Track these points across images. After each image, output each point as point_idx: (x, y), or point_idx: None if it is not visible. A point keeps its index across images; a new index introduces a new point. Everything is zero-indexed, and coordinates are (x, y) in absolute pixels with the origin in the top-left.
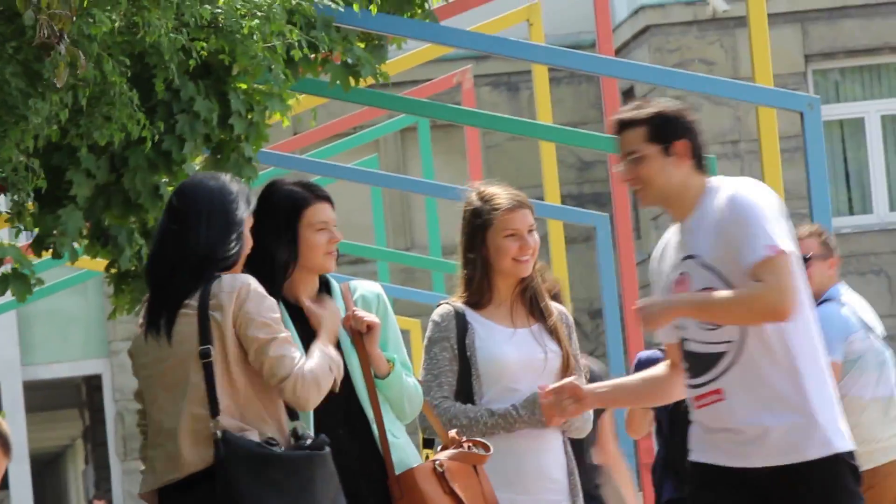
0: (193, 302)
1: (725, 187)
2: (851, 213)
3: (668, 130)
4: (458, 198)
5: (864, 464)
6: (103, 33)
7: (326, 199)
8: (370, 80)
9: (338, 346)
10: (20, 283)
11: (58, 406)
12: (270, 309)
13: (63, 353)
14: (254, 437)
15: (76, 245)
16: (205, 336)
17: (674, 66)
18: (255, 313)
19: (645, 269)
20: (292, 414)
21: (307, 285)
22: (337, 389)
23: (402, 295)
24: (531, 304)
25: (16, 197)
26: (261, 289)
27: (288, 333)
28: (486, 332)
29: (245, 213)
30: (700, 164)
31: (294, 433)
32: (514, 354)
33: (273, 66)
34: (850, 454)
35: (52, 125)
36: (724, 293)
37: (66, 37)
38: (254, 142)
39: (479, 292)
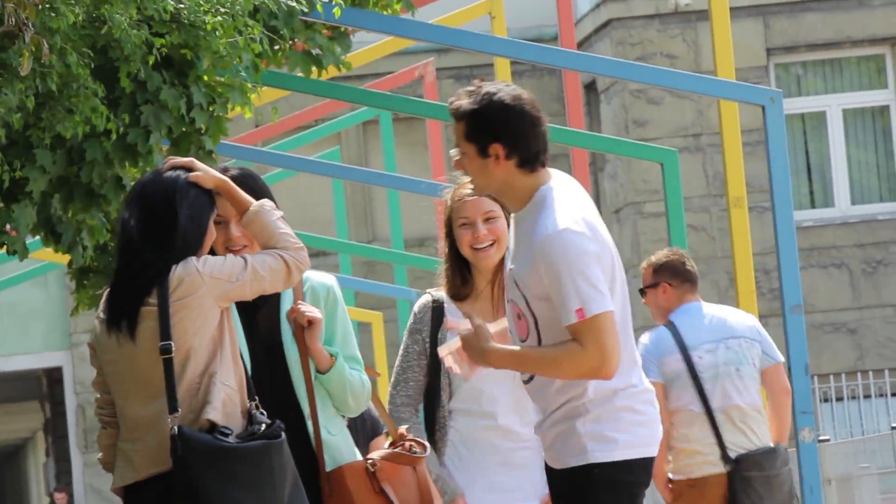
0: (153, 299)
1: (546, 211)
2: (813, 206)
3: (481, 132)
4: (420, 191)
5: (693, 472)
6: (66, 26)
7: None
8: (332, 72)
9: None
10: None
11: (18, 398)
12: (221, 260)
13: (24, 345)
14: (213, 415)
15: (31, 239)
16: (165, 332)
17: (636, 60)
18: (222, 272)
19: None
20: (249, 393)
21: None
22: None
23: (364, 288)
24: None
25: None
26: (205, 256)
27: (251, 257)
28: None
29: (209, 204)
30: (526, 164)
31: (249, 415)
32: None
33: (240, 60)
34: (614, 465)
35: (17, 113)
36: (544, 352)
37: (31, 25)
38: (213, 135)
39: (454, 286)
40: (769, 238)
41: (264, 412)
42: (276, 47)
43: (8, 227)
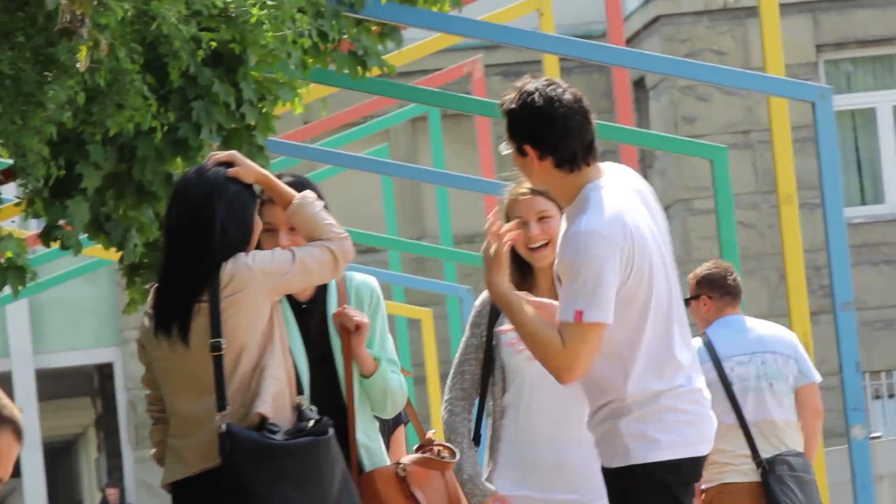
0: (205, 296)
1: (586, 210)
2: (863, 202)
3: (515, 133)
4: (469, 187)
5: (724, 479)
6: (115, 22)
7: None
8: (378, 71)
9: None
10: (16, 275)
11: (70, 394)
12: (269, 254)
13: (75, 341)
14: (263, 409)
15: (84, 235)
16: (216, 329)
17: (685, 57)
18: (272, 266)
19: None
20: (298, 389)
21: None
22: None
23: (414, 284)
24: None
25: (30, 186)
26: (253, 251)
27: (298, 250)
28: None
29: (253, 200)
30: (564, 164)
31: (298, 411)
32: None
33: (290, 54)
34: (659, 465)
35: (68, 111)
36: (534, 324)
37: (87, 20)
38: (262, 131)
39: (515, 282)
40: (819, 235)
41: (313, 408)
42: (323, 46)
43: (62, 222)
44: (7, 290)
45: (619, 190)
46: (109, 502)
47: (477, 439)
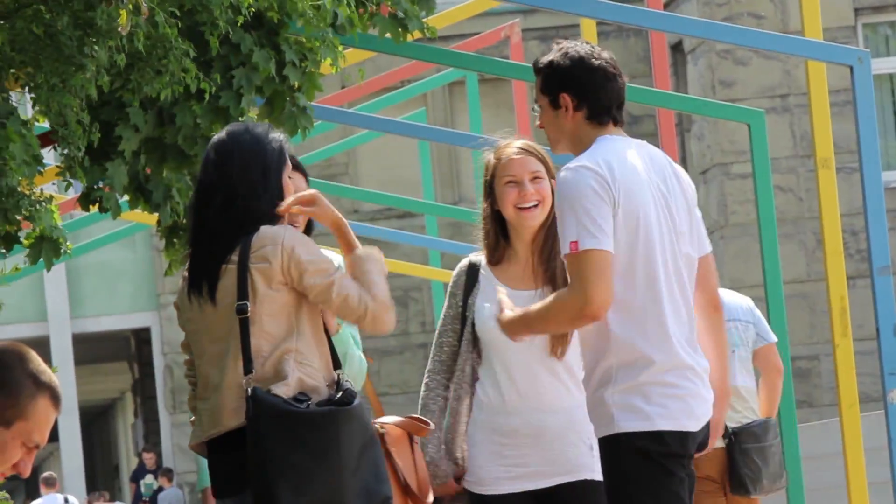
0: (234, 257)
1: (579, 157)
2: None
3: (553, 82)
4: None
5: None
6: None
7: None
8: (417, 34)
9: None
10: (50, 247)
11: (107, 359)
12: (316, 251)
13: (111, 306)
14: (287, 391)
15: (123, 198)
16: (243, 292)
17: (722, 20)
18: (307, 261)
19: None
20: (335, 363)
21: None
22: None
23: (450, 249)
24: (549, 260)
25: (66, 151)
26: (301, 235)
27: (341, 271)
28: (490, 291)
29: (284, 164)
30: (595, 116)
31: (336, 382)
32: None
33: (326, 24)
34: (643, 434)
35: (107, 73)
36: (540, 306)
37: None
38: (307, 91)
39: (492, 248)
40: (857, 199)
41: (350, 380)
42: (361, 10)
43: (101, 183)
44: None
45: (625, 146)
46: (146, 466)
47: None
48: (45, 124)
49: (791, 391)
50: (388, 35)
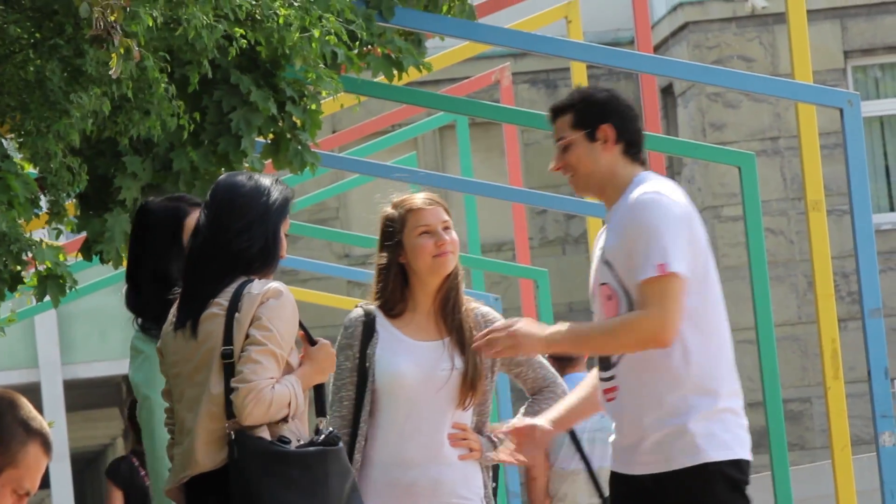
0: (223, 301)
1: (644, 184)
2: (892, 209)
3: (591, 115)
4: (497, 196)
5: None
6: (143, 30)
7: (199, 204)
8: (409, 77)
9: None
10: (55, 285)
11: (98, 405)
12: (284, 322)
13: (103, 352)
14: (265, 435)
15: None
16: (228, 337)
17: (713, 63)
18: (266, 318)
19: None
20: (321, 410)
21: None
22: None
23: None
24: (453, 312)
25: (53, 197)
26: (289, 300)
27: (282, 353)
28: (391, 342)
29: (282, 216)
30: (631, 150)
31: (316, 429)
32: (412, 370)
33: (335, 53)
34: (728, 463)
35: (93, 119)
36: (602, 324)
37: (119, 28)
38: (310, 129)
39: (393, 300)
40: (848, 241)
41: (331, 429)
42: (355, 51)
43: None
44: (33, 300)
45: (667, 180)
46: None
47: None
48: (33, 170)
49: (783, 434)
50: (381, 77)
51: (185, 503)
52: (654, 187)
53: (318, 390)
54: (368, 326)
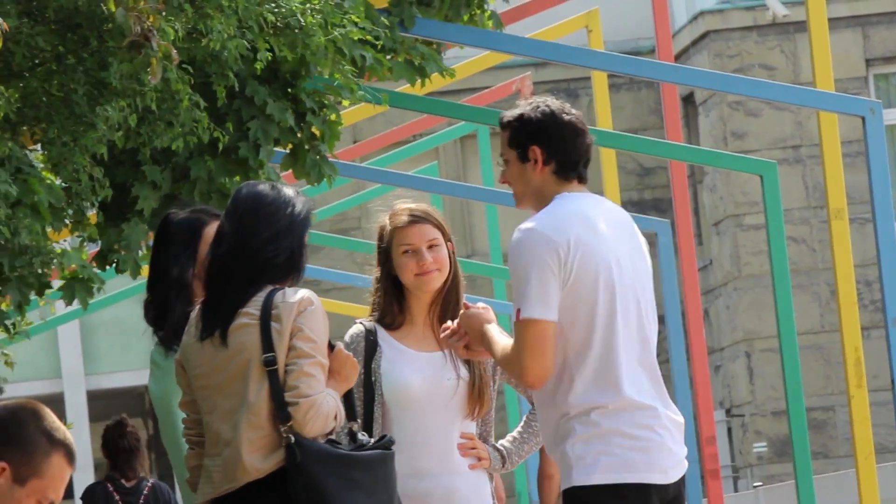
0: (253, 311)
1: (538, 214)
2: None
3: (523, 135)
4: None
5: None
6: (167, 42)
7: (218, 216)
8: (430, 86)
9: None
10: (83, 287)
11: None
12: (323, 329)
13: (126, 362)
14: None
15: (139, 255)
16: (268, 344)
17: (734, 72)
18: (308, 328)
19: (707, 275)
20: (349, 414)
21: None
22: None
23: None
24: None
25: (77, 206)
26: (321, 308)
27: (326, 362)
28: (394, 354)
29: (307, 226)
30: (562, 171)
31: (351, 433)
32: (418, 381)
33: (364, 57)
34: (602, 488)
35: (119, 131)
36: (502, 345)
37: (155, 33)
38: (328, 142)
39: (389, 313)
40: (870, 249)
41: (365, 433)
42: (378, 60)
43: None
44: (58, 310)
45: (582, 205)
46: None
47: None
48: (56, 180)
49: (806, 442)
50: (402, 87)
51: None
52: (529, 223)
53: (347, 395)
54: (370, 341)
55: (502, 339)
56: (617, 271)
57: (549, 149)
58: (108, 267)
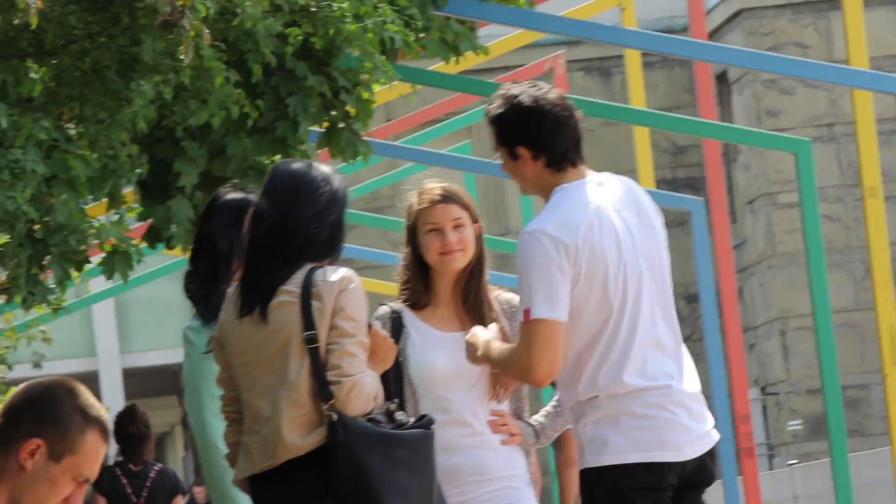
0: (293, 288)
1: (546, 208)
2: None
3: (507, 135)
4: None
5: None
6: (199, 20)
7: None
8: (464, 64)
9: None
10: (122, 260)
11: (156, 393)
12: (363, 308)
13: (160, 340)
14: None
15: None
16: (309, 322)
17: (767, 50)
18: (349, 307)
19: (741, 253)
20: (386, 394)
21: None
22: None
23: (498, 280)
24: (475, 304)
25: (113, 184)
26: (361, 286)
27: (368, 341)
28: (420, 336)
29: (345, 205)
30: (554, 164)
31: (388, 412)
32: (443, 361)
33: (392, 39)
34: (612, 469)
35: (154, 106)
36: (501, 351)
37: (187, 12)
38: (362, 120)
39: (415, 293)
40: None
41: (403, 413)
42: (412, 37)
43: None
44: (92, 288)
45: (583, 196)
46: (197, 500)
47: None
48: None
49: (842, 420)
50: (436, 66)
51: (257, 491)
52: (539, 221)
53: (384, 376)
54: (397, 323)
55: (496, 344)
56: (627, 258)
57: (535, 147)
58: (157, 244)
